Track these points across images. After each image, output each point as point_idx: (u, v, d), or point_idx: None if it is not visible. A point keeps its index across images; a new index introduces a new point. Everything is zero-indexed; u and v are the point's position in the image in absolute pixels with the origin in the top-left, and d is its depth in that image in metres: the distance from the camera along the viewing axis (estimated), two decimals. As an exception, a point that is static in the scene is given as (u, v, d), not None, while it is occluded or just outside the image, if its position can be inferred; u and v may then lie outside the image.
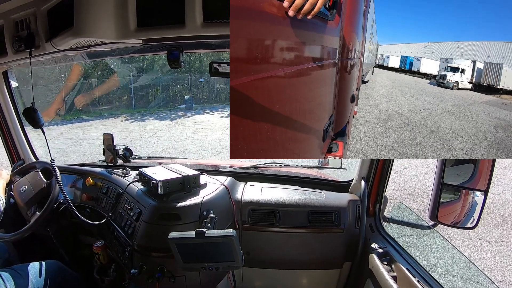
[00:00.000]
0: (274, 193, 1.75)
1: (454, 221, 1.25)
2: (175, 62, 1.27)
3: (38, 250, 1.97)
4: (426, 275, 1.35)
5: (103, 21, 1.06)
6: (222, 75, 1.27)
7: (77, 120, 11.60)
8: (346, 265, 1.71)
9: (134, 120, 12.03)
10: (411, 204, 4.59)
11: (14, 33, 1.35)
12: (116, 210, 1.70)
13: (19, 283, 1.49)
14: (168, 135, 9.65)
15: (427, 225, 1.90)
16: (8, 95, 2.04)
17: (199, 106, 13.84)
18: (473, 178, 1.16)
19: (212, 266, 1.32)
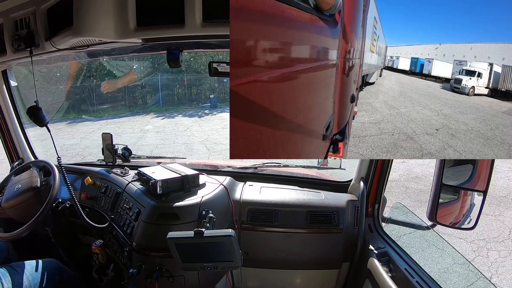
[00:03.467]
0: (273, 193, 1.75)
1: (452, 221, 1.25)
2: (175, 61, 1.27)
3: (37, 249, 1.96)
4: (425, 276, 1.35)
5: (103, 20, 1.06)
6: (221, 75, 1.27)
7: (108, 117, 12.38)
8: (345, 265, 1.71)
9: (164, 117, 12.55)
10: (414, 185, 5.14)
11: (14, 32, 1.35)
12: (115, 209, 1.70)
13: (15, 279, 1.49)
14: (200, 130, 10.01)
15: (425, 225, 1.90)
16: (7, 94, 2.03)
17: (223, 105, 14.16)
18: (472, 179, 1.16)
19: (211, 266, 1.32)
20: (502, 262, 3.38)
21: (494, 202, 4.44)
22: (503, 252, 3.53)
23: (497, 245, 3.64)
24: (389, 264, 1.48)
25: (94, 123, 11.31)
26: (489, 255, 3.48)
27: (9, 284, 1.46)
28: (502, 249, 3.57)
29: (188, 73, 14.31)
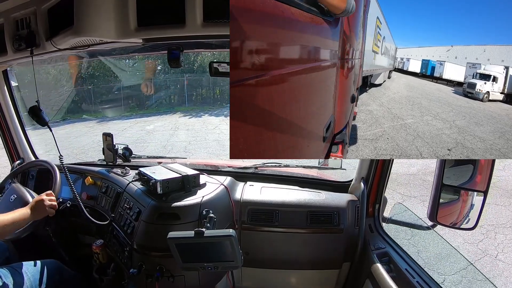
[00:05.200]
0: (274, 193, 1.75)
1: (453, 221, 1.25)
2: (175, 61, 1.27)
3: (38, 249, 1.96)
4: (425, 276, 1.35)
5: (103, 20, 1.06)
6: (222, 75, 1.27)
7: (136, 116, 13.25)
8: (345, 265, 1.71)
9: (191, 116, 13.12)
10: (430, 178, 5.11)
11: (15, 32, 1.35)
12: (116, 209, 1.71)
13: (16, 280, 1.49)
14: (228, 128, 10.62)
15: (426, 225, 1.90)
16: (8, 94, 2.04)
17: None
18: (472, 179, 1.16)
19: (211, 266, 1.32)
20: (508, 243, 3.68)
21: (506, 195, 4.82)
22: (510, 236, 3.81)
23: (504, 229, 3.93)
24: (389, 264, 1.48)
25: (123, 122, 12.22)
26: (496, 238, 3.76)
27: (10, 285, 1.47)
28: (508, 233, 3.85)
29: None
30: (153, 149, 7.94)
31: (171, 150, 7.84)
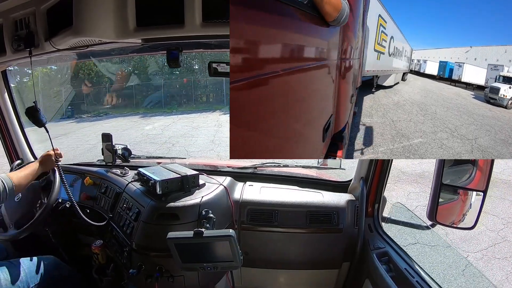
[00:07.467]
0: (273, 193, 1.75)
1: (452, 221, 1.25)
2: (175, 61, 1.27)
3: (37, 249, 1.96)
4: (425, 275, 1.35)
5: (103, 20, 1.06)
6: (221, 75, 1.27)
7: (177, 113, 14.18)
8: (345, 265, 1.71)
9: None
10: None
11: (13, 32, 1.35)
12: (115, 210, 1.70)
13: (13, 274, 1.49)
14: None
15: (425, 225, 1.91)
16: (7, 94, 2.03)
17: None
18: (472, 179, 1.16)
19: (211, 266, 1.32)
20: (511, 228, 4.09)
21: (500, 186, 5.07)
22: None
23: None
24: (389, 264, 1.48)
25: (166, 118, 13.07)
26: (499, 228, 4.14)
27: (7, 278, 1.46)
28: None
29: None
30: (202, 143, 8.83)
31: (219, 145, 8.39)
